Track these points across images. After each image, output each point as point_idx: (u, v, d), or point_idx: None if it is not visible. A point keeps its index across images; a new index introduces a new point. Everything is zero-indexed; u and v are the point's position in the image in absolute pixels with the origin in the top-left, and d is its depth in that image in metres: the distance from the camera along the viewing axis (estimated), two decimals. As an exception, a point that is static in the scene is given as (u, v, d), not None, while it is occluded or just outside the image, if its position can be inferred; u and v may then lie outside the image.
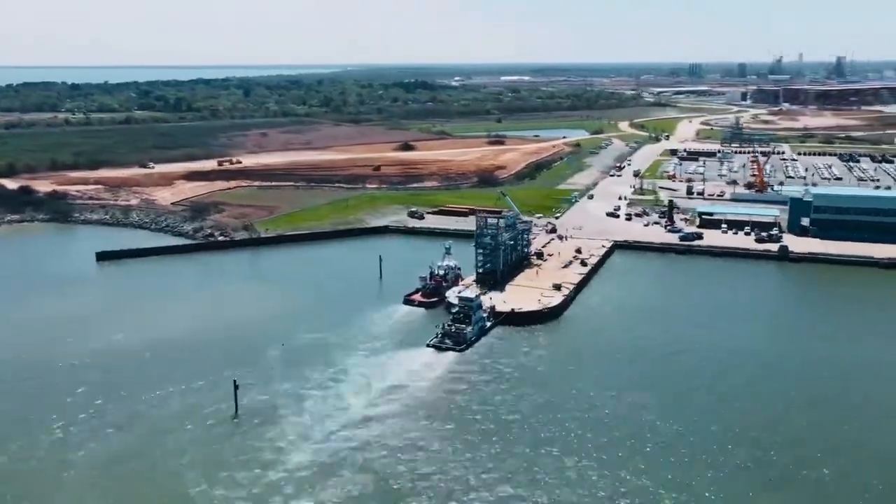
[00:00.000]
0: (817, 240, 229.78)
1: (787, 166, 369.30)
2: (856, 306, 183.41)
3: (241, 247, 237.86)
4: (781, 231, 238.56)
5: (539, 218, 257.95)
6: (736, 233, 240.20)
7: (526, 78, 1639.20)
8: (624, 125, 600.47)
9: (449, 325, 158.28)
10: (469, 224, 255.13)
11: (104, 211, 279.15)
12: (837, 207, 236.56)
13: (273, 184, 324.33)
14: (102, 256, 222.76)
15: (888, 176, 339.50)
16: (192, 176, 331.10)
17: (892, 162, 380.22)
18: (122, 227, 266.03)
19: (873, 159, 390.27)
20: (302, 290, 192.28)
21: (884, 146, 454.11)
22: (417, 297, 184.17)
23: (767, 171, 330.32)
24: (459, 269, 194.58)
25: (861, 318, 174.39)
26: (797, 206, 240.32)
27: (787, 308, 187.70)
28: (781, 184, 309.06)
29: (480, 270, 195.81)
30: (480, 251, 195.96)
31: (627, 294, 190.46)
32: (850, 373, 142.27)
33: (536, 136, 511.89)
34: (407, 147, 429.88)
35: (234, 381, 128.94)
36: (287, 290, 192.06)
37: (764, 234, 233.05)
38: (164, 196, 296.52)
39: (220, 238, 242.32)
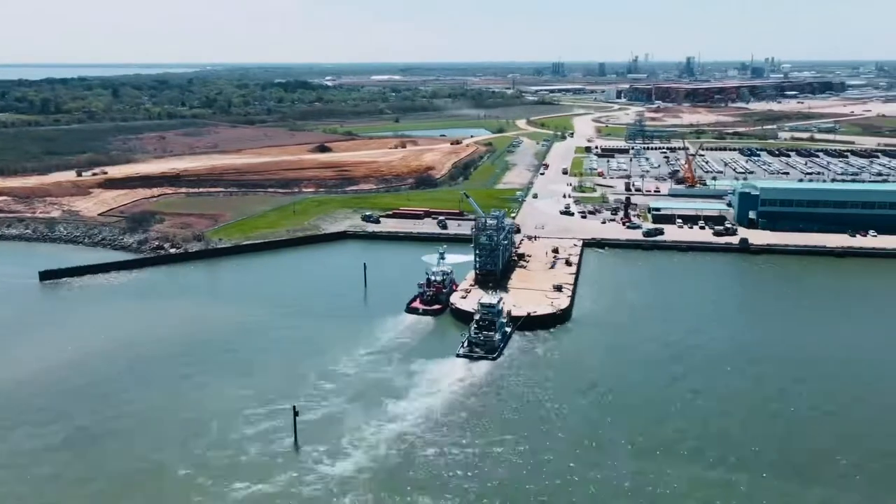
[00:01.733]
0: (767, 231, 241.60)
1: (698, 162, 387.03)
2: (837, 296, 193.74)
3: (196, 259, 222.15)
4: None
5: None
6: (692, 227, 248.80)
7: (396, 77, 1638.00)
8: (521, 123, 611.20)
9: (476, 334, 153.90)
10: (427, 227, 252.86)
11: (24, 225, 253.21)
12: (783, 200, 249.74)
13: (201, 190, 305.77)
14: (47, 275, 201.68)
15: (794, 169, 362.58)
16: (109, 184, 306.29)
17: (788, 155, 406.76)
18: (49, 241, 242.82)
19: (770, 153, 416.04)
20: (289, 305, 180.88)
21: (770, 140, 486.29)
22: (420, 304, 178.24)
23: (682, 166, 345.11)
24: (453, 273, 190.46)
25: (843, 305, 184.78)
26: (745, 200, 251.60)
27: (784, 300, 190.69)
28: (715, 178, 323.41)
29: (480, 272, 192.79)
30: (479, 252, 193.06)
31: (620, 291, 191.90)
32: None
33: (443, 135, 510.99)
34: (323, 149, 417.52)
35: (294, 407, 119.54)
36: (273, 306, 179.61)
37: (721, 227, 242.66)
38: (88, 207, 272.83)
39: (173, 251, 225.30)
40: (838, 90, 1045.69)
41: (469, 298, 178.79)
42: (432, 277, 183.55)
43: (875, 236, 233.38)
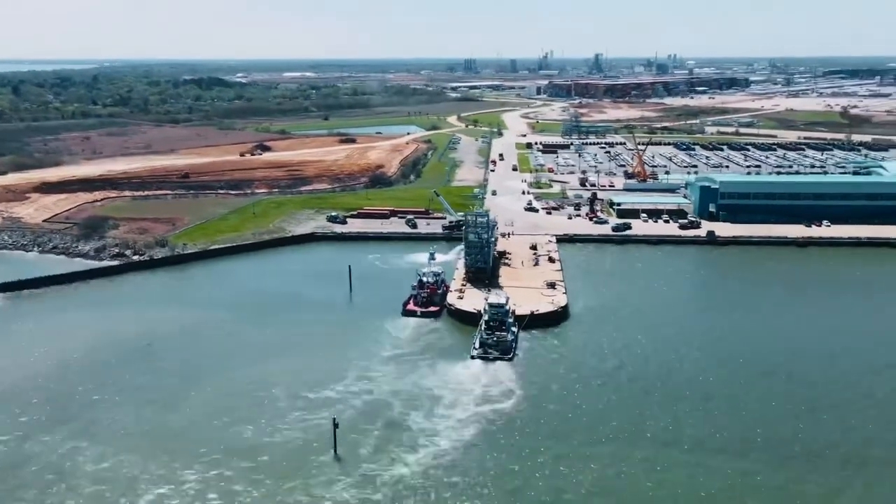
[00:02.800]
0: (728, 223, 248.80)
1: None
2: (814, 283, 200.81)
3: (162, 265, 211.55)
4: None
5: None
6: (656, 221, 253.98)
7: (309, 74, 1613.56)
8: (453, 120, 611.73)
9: (488, 335, 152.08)
10: (395, 226, 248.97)
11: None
12: (741, 193, 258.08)
13: (147, 193, 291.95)
14: (3, 288, 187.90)
15: (732, 162, 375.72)
16: (46, 188, 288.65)
17: (721, 149, 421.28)
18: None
19: (704, 147, 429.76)
20: (277, 312, 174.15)
21: (697, 135, 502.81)
22: (416, 307, 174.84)
23: (630, 161, 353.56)
24: (444, 273, 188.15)
25: (824, 292, 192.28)
26: (705, 193, 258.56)
27: (762, 288, 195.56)
28: (668, 173, 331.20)
29: (470, 270, 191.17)
30: (469, 250, 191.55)
31: (608, 285, 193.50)
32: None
33: (379, 132, 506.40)
34: (263, 148, 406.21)
35: (334, 420, 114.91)
36: (262, 314, 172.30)
37: (685, 220, 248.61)
38: (29, 213, 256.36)
39: (136, 258, 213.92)
40: (742, 86, 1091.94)
41: (467, 299, 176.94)
42: (425, 279, 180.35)
43: (829, 226, 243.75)
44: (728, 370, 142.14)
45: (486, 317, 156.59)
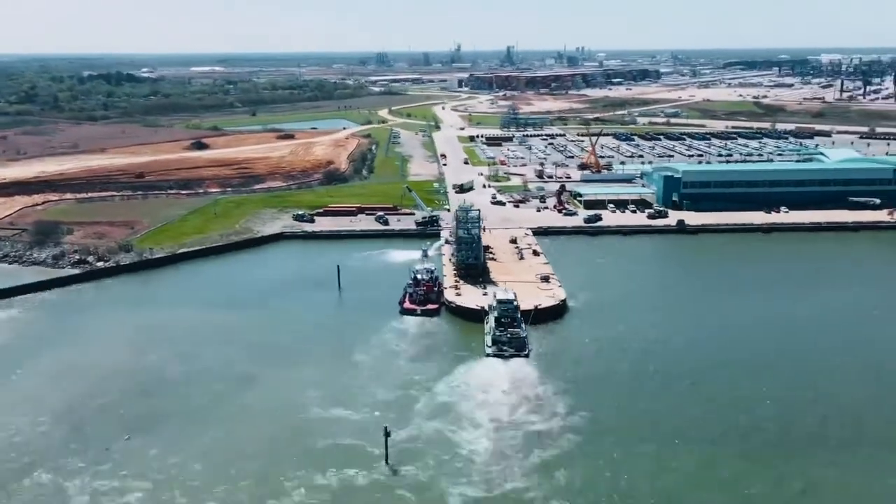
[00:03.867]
0: (692, 212, 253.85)
1: (583, 147, 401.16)
2: (791, 266, 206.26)
3: (130, 271, 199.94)
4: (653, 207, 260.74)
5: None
6: (623, 211, 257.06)
7: (218, 68, 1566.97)
8: (384, 113, 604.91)
9: (501, 332, 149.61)
10: (365, 223, 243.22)
11: None
12: (702, 182, 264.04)
13: (92, 195, 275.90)
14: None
15: (675, 152, 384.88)
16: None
17: (659, 139, 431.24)
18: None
19: (642, 137, 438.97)
20: (271, 315, 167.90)
21: (630, 125, 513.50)
22: (413, 305, 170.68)
23: (578, 153, 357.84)
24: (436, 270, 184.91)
25: (800, 275, 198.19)
26: (669, 183, 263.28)
27: (742, 272, 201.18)
28: (623, 163, 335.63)
29: (462, 266, 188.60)
30: (459, 246, 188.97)
31: (596, 277, 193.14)
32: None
33: (314, 128, 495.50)
34: (201, 145, 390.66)
35: (385, 428, 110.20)
36: (256, 322, 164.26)
37: (653, 210, 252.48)
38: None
39: (100, 264, 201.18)
40: (654, 77, 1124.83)
41: (465, 295, 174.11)
42: (419, 276, 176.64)
43: (787, 212, 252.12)
44: (751, 354, 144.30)
45: (494, 313, 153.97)
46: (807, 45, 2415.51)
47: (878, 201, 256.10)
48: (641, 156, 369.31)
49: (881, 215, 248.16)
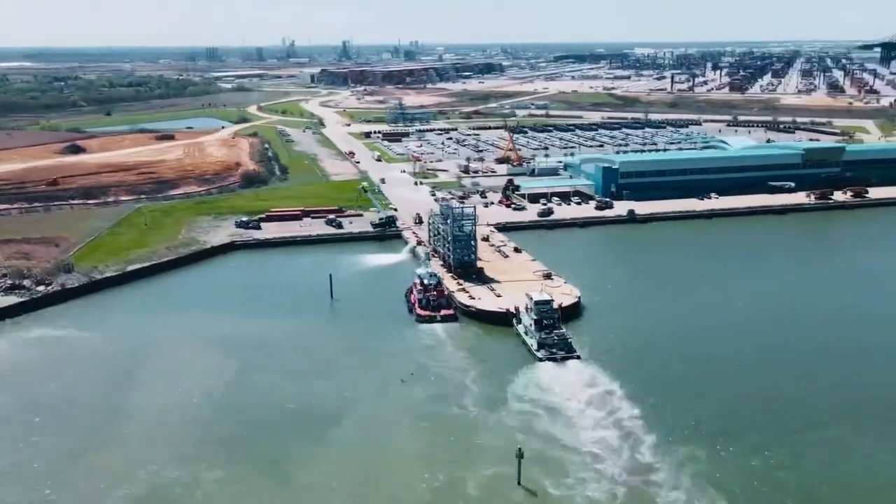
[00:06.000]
0: (631, 202, 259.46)
1: (477, 142, 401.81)
2: (741, 249, 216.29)
3: (80, 295, 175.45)
4: (593, 197, 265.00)
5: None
6: (569, 204, 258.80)
7: (27, 63, 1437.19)
8: (253, 110, 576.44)
9: (546, 334, 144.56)
10: (316, 228, 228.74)
11: None
12: (638, 172, 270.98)
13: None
14: None
15: (574, 144, 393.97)
16: None
17: (550, 131, 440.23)
18: None
19: (534, 130, 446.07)
20: (278, 343, 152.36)
21: (513, 119, 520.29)
22: (429, 311, 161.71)
23: (488, 147, 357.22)
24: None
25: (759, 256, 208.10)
26: (607, 174, 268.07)
27: (734, 257, 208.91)
28: (547, 156, 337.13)
29: (458, 266, 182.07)
30: (455, 245, 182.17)
31: (588, 270, 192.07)
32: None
33: (190, 128, 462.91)
34: (76, 149, 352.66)
35: (520, 449, 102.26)
36: (261, 349, 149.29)
37: (599, 201, 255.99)
38: None
39: (41, 288, 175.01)
40: (500, 70, 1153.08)
41: (481, 298, 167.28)
42: (426, 281, 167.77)
43: (717, 198, 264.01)
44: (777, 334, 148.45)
45: (532, 315, 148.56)
46: (621, 39, 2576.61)
47: (793, 185, 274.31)
48: (546, 148, 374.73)
49: (801, 198, 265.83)
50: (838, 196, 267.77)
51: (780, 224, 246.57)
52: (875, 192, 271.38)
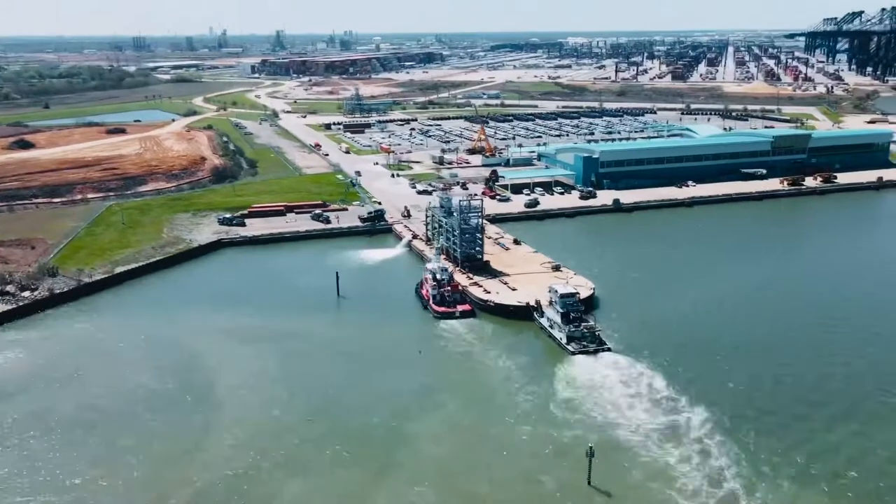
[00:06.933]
0: (613, 191, 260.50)
1: (443, 132, 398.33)
2: (737, 234, 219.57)
3: (69, 300, 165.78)
4: (573, 187, 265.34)
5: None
6: (553, 194, 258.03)
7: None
8: (199, 102, 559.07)
9: (575, 327, 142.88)
10: (302, 224, 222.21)
11: None
12: (618, 161, 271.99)
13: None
14: None
15: (537, 133, 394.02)
16: None
17: (510, 121, 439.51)
18: None
19: (495, 119, 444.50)
20: (310, 351, 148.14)
21: (467, 108, 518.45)
22: (446, 307, 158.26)
23: (456, 138, 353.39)
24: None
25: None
26: (588, 163, 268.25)
27: (728, 242, 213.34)
28: (520, 146, 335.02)
29: (465, 259, 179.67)
30: (462, 238, 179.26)
31: (592, 261, 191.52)
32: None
33: (138, 121, 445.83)
34: (25, 144, 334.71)
35: (591, 448, 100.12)
36: (303, 345, 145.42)
37: (583, 191, 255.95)
38: None
39: (26, 294, 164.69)
40: (440, 60, 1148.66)
41: (501, 293, 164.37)
42: (438, 275, 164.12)
43: (694, 186, 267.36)
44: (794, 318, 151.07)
45: (558, 308, 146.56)
46: (553, 28, 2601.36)
47: (764, 171, 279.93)
48: (514, 138, 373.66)
49: (775, 184, 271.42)
50: (809, 182, 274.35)
51: (760, 210, 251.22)
52: (842, 178, 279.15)
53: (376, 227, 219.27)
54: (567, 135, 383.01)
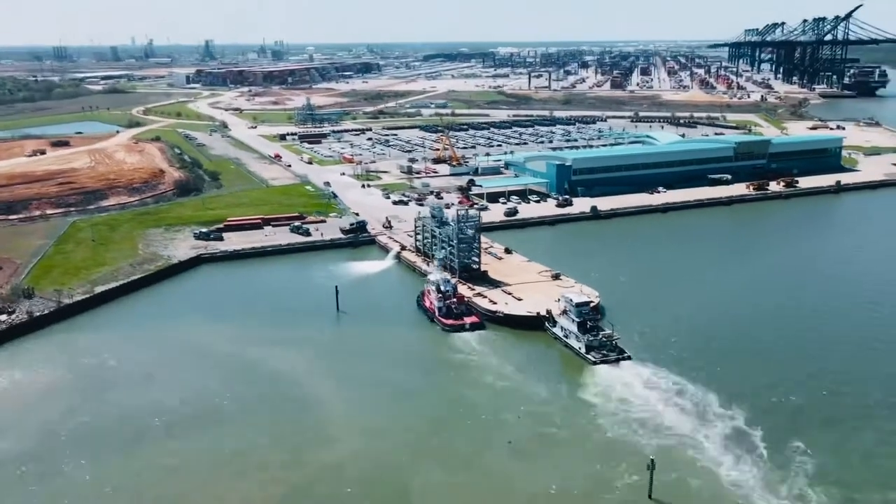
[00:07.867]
0: (586, 198, 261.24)
1: (402, 142, 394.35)
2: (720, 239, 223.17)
3: (51, 323, 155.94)
4: (547, 195, 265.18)
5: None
6: (528, 202, 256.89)
7: None
8: (139, 113, 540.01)
9: (593, 336, 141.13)
10: (281, 237, 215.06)
11: None
12: (590, 168, 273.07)
13: None
14: None
15: (498, 141, 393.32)
16: None
17: (466, 129, 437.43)
18: None
19: (451, 129, 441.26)
20: (321, 377, 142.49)
21: (417, 119, 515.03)
22: (453, 320, 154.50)
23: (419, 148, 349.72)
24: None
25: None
26: (561, 171, 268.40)
27: (713, 247, 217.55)
28: (488, 154, 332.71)
29: (463, 269, 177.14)
30: (460, 248, 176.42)
31: (588, 270, 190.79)
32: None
33: (80, 133, 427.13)
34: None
35: (652, 461, 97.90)
36: (330, 377, 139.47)
37: (559, 199, 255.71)
38: None
39: (3, 317, 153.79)
40: (378, 70, 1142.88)
41: (508, 303, 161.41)
42: (442, 287, 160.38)
43: (664, 192, 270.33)
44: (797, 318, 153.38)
45: (573, 318, 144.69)
46: (482, 38, 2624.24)
47: (730, 177, 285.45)
48: (475, 147, 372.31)
49: (741, 189, 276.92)
50: (773, 186, 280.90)
51: (731, 214, 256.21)
52: (802, 182, 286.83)
53: (359, 239, 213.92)
54: (527, 143, 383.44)
